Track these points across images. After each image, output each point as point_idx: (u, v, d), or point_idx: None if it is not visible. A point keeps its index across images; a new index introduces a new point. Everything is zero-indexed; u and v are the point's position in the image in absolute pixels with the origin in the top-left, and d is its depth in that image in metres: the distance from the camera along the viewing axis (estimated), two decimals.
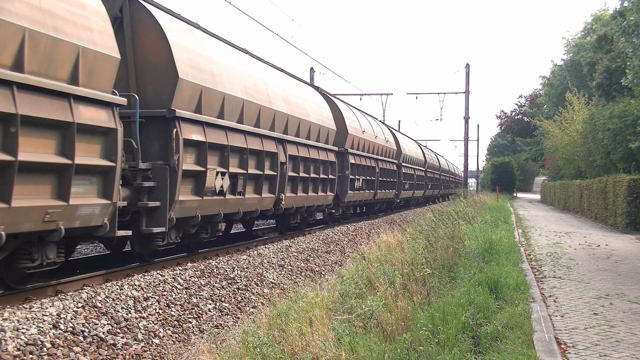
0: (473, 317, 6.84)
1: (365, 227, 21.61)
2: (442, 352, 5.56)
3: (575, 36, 58.83)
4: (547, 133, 45.23)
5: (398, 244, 12.86)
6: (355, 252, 14.44)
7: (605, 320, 7.49)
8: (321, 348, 5.66)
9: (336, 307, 7.43)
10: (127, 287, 8.62)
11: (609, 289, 9.61)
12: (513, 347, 5.99)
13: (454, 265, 10.62)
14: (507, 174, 61.53)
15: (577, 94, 40.60)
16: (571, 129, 38.32)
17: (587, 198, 28.83)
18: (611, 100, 29.32)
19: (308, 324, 6.31)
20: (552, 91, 58.13)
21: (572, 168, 39.25)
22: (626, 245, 16.34)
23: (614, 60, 30.32)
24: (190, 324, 8.40)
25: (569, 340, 6.56)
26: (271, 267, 12.33)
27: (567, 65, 54.60)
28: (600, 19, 52.44)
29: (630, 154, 23.96)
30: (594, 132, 27.54)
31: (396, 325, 6.48)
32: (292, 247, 14.60)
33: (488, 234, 14.74)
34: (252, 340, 6.01)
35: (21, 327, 6.47)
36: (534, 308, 7.89)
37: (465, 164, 46.82)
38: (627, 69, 18.61)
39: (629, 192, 20.70)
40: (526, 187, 78.73)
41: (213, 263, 11.24)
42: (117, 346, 6.94)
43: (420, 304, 7.40)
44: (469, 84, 43.45)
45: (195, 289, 9.52)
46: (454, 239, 12.53)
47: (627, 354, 6.05)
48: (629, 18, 17.10)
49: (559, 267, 11.96)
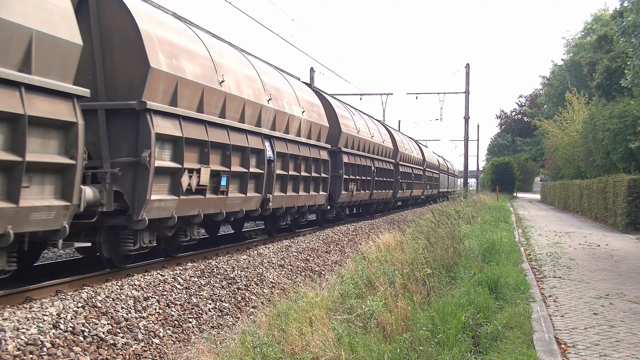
0: (473, 317, 6.84)
1: (365, 227, 21.61)
2: (442, 352, 5.56)
3: (575, 36, 58.90)
4: (547, 133, 45.28)
5: (398, 244, 12.86)
6: (355, 252, 14.43)
7: (605, 320, 7.49)
8: (321, 348, 5.67)
9: (336, 307, 7.43)
10: (127, 287, 8.62)
11: (609, 289, 9.61)
12: (513, 347, 5.99)
13: (454, 265, 10.62)
14: (507, 174, 61.61)
15: (577, 94, 40.63)
16: (571, 129, 38.36)
17: (587, 198, 28.84)
18: (611, 100, 29.33)
19: (308, 324, 6.32)
20: (552, 91, 58.20)
21: (572, 168, 39.30)
22: (626, 245, 16.35)
23: (614, 60, 30.33)
24: (190, 324, 8.40)
25: (569, 340, 6.56)
26: (271, 267, 12.33)
27: (567, 65, 54.65)
28: (600, 19, 52.48)
29: (630, 154, 23.97)
30: (594, 132, 27.56)
31: (396, 325, 6.48)
32: (292, 247, 14.60)
33: (488, 234, 14.75)
34: (252, 340, 6.01)
35: (21, 327, 6.47)
36: (534, 308, 7.89)
37: (465, 163, 46.82)
38: (626, 69, 18.62)
39: (629, 192, 20.71)
40: (526, 187, 78.76)
41: (213, 263, 11.24)
42: (117, 346, 6.94)
43: (420, 304, 7.40)
44: (469, 84, 43.44)
45: (195, 289, 9.52)
46: (454, 239, 12.52)
47: (627, 354, 6.05)
48: (628, 18, 17.11)
49: (559, 267, 11.96)
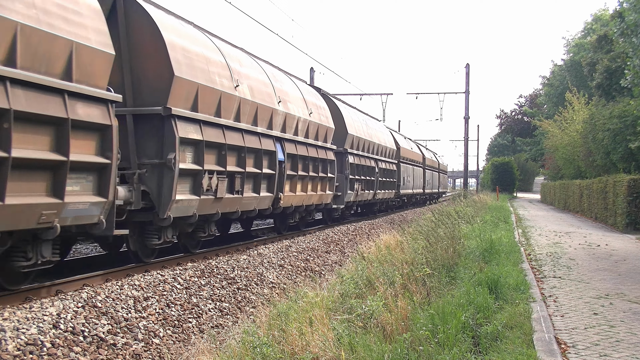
0: (473, 317, 6.84)
1: (365, 227, 21.60)
2: (442, 352, 5.56)
3: (575, 36, 58.93)
4: (547, 133, 45.26)
5: (398, 244, 12.85)
6: (355, 252, 14.43)
7: (605, 320, 7.49)
8: (321, 348, 5.66)
9: (336, 307, 7.43)
10: (127, 287, 8.62)
11: (609, 289, 9.61)
12: (513, 347, 5.99)
13: (454, 265, 10.62)
14: (507, 174, 61.60)
15: (577, 94, 40.62)
16: (571, 129, 38.35)
17: (587, 198, 28.83)
18: (611, 100, 29.34)
19: (308, 324, 6.32)
20: (552, 91, 58.21)
21: (572, 168, 39.29)
22: (626, 245, 16.35)
23: (614, 60, 30.33)
24: (190, 324, 8.39)
25: (569, 340, 6.55)
26: (271, 267, 12.33)
27: (567, 65, 54.67)
28: (600, 19, 52.49)
29: (630, 154, 23.97)
30: (594, 132, 27.55)
31: (396, 325, 6.48)
32: (292, 247, 14.60)
33: (488, 233, 14.74)
34: (252, 340, 6.01)
35: (21, 327, 6.47)
36: (534, 308, 7.89)
37: (465, 163, 46.84)
38: (626, 69, 18.61)
39: (629, 192, 20.71)
40: (526, 187, 78.73)
41: (213, 263, 11.24)
42: (117, 346, 6.94)
43: (420, 304, 7.40)
44: (469, 84, 43.48)
45: (195, 289, 9.51)
46: (454, 238, 12.52)
47: (627, 354, 6.05)
48: (628, 18, 17.11)
49: (559, 267, 11.96)
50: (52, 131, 7.27)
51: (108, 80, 8.48)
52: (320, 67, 68.95)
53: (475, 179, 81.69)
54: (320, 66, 56.02)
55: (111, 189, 8.33)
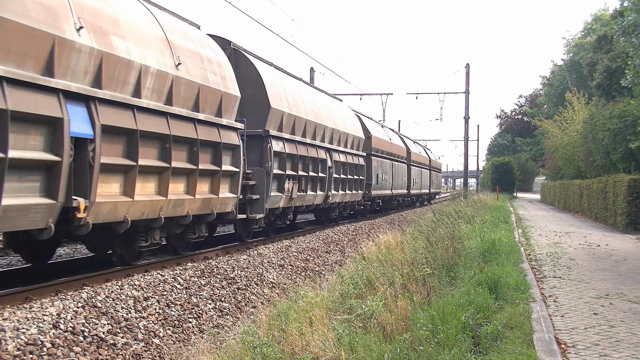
0: (473, 317, 6.83)
1: (365, 227, 21.61)
2: (442, 352, 5.56)
3: (575, 36, 58.88)
4: (547, 133, 45.25)
5: (398, 244, 12.85)
6: (355, 252, 14.43)
7: (605, 320, 7.49)
8: (321, 348, 5.66)
9: (336, 307, 7.43)
10: (127, 287, 8.62)
11: (609, 289, 9.60)
12: (513, 347, 5.98)
13: (454, 265, 10.61)
14: (507, 174, 61.58)
15: (577, 94, 40.61)
16: (571, 129, 38.33)
17: (587, 198, 28.83)
18: (611, 100, 29.33)
19: (308, 324, 6.31)
20: (552, 91, 58.20)
21: (572, 168, 39.28)
22: (626, 245, 16.34)
23: (614, 60, 30.33)
24: (190, 324, 8.39)
25: (569, 340, 6.55)
26: (271, 267, 12.33)
27: (567, 65, 54.66)
28: (600, 19, 52.48)
29: (630, 154, 23.97)
30: (594, 132, 27.55)
31: (396, 325, 6.48)
32: (292, 247, 14.60)
33: (488, 233, 14.74)
34: (252, 340, 6.01)
35: (21, 327, 6.47)
36: (534, 308, 7.89)
37: (465, 163, 46.84)
38: (627, 69, 18.61)
39: (629, 192, 20.70)
40: (526, 187, 78.72)
41: (213, 263, 11.24)
42: (117, 346, 6.94)
43: (420, 304, 7.40)
44: (469, 84, 43.49)
45: (195, 289, 9.51)
46: (454, 238, 12.52)
47: (627, 354, 6.05)
48: (628, 17, 17.11)
49: (559, 267, 11.96)
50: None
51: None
52: (320, 67, 68.95)
53: (475, 179, 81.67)
54: (320, 66, 55.99)
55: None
